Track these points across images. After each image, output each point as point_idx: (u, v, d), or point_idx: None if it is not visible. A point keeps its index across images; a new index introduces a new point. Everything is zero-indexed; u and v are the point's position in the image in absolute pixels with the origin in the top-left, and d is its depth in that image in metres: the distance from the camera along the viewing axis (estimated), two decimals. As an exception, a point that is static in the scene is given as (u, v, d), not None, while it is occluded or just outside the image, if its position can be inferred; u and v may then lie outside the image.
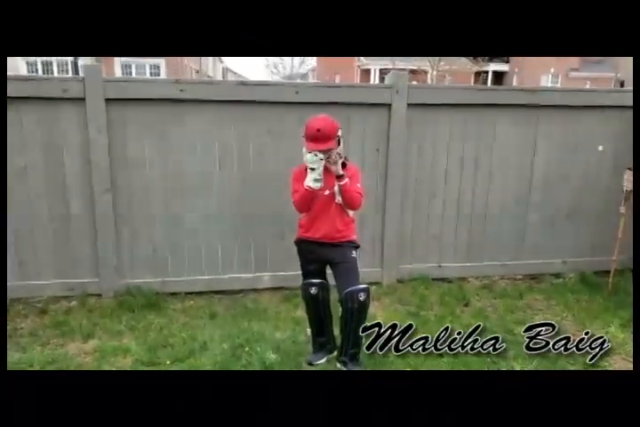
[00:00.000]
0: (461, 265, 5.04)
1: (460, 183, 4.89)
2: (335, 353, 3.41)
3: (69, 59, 17.70)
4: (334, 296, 3.32)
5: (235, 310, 4.24)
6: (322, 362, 3.40)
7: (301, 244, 3.34)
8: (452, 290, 4.72)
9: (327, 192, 3.15)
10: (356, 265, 3.25)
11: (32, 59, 23.33)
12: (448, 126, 4.75)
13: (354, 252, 3.26)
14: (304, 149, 3.11)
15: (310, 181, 3.04)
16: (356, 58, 24.08)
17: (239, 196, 4.48)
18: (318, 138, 3.01)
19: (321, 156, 2.99)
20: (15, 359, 3.33)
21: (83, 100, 4.10)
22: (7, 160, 4.10)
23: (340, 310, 3.21)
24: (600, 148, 4.95)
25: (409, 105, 4.58)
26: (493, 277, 5.08)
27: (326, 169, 3.07)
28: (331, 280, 3.37)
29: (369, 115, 4.59)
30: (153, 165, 4.35)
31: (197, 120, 4.33)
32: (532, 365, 3.29)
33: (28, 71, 23.59)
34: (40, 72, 24.17)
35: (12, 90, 3.98)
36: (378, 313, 4.18)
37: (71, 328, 3.85)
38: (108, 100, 4.14)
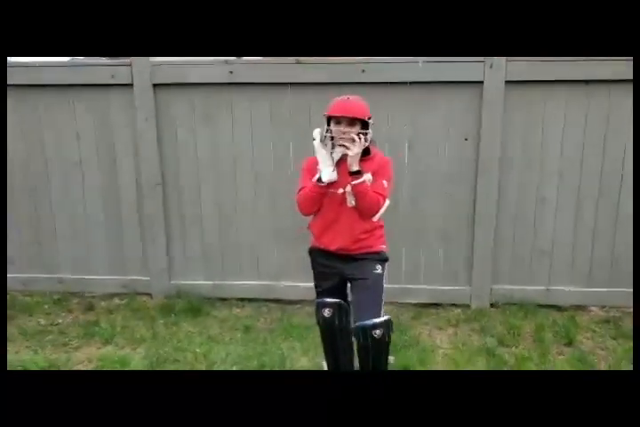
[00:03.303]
0: (579, 290, 3.88)
1: (579, 182, 3.74)
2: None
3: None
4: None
5: (276, 325, 3.66)
6: None
7: (314, 254, 2.66)
8: (557, 322, 3.61)
9: (341, 190, 2.44)
10: (381, 283, 2.51)
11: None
12: (563, 109, 3.65)
13: (378, 266, 2.52)
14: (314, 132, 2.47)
15: (323, 173, 2.39)
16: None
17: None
18: (344, 106, 2.39)
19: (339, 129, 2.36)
20: (18, 360, 3.11)
21: (131, 85, 3.84)
22: (64, 154, 4.02)
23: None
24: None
25: (507, 82, 3.60)
26: (626, 308, 3.84)
27: (342, 164, 2.41)
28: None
29: (454, 96, 3.68)
30: (203, 156, 3.95)
31: (249, 106, 3.83)
32: None
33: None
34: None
35: (59, 77, 3.88)
36: (443, 345, 3.33)
37: (99, 330, 3.58)
38: (155, 85, 3.83)
